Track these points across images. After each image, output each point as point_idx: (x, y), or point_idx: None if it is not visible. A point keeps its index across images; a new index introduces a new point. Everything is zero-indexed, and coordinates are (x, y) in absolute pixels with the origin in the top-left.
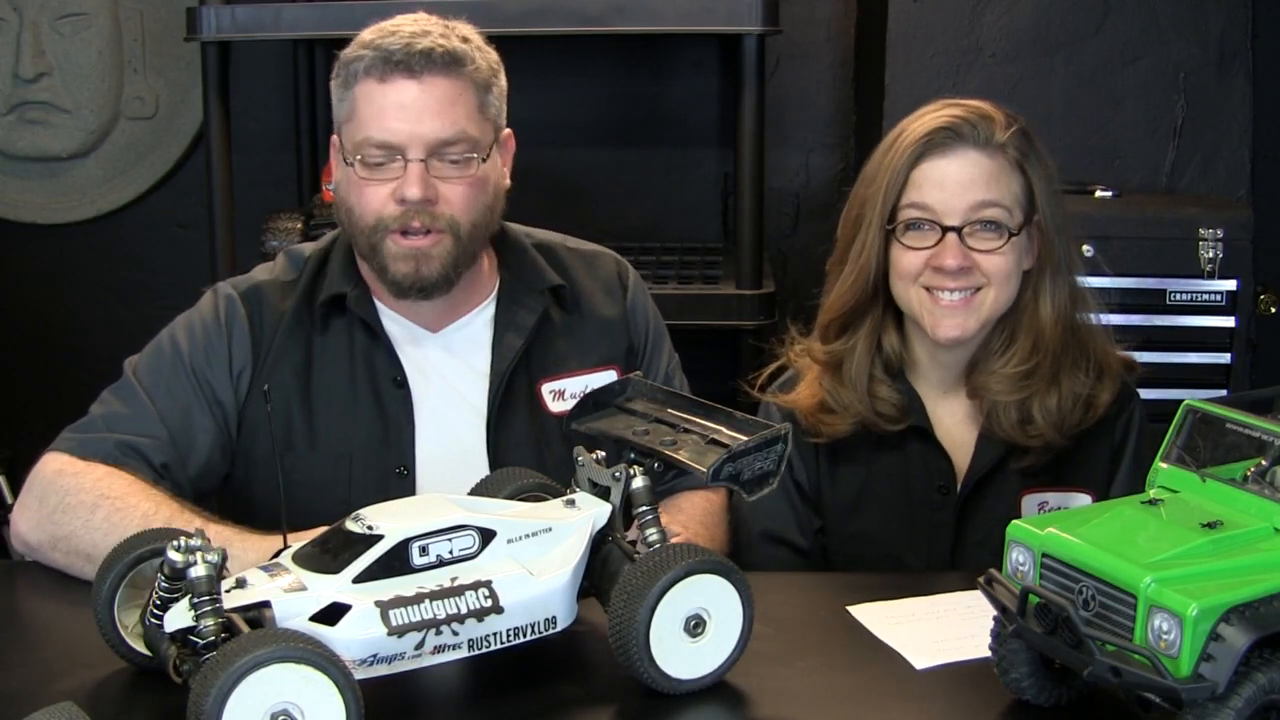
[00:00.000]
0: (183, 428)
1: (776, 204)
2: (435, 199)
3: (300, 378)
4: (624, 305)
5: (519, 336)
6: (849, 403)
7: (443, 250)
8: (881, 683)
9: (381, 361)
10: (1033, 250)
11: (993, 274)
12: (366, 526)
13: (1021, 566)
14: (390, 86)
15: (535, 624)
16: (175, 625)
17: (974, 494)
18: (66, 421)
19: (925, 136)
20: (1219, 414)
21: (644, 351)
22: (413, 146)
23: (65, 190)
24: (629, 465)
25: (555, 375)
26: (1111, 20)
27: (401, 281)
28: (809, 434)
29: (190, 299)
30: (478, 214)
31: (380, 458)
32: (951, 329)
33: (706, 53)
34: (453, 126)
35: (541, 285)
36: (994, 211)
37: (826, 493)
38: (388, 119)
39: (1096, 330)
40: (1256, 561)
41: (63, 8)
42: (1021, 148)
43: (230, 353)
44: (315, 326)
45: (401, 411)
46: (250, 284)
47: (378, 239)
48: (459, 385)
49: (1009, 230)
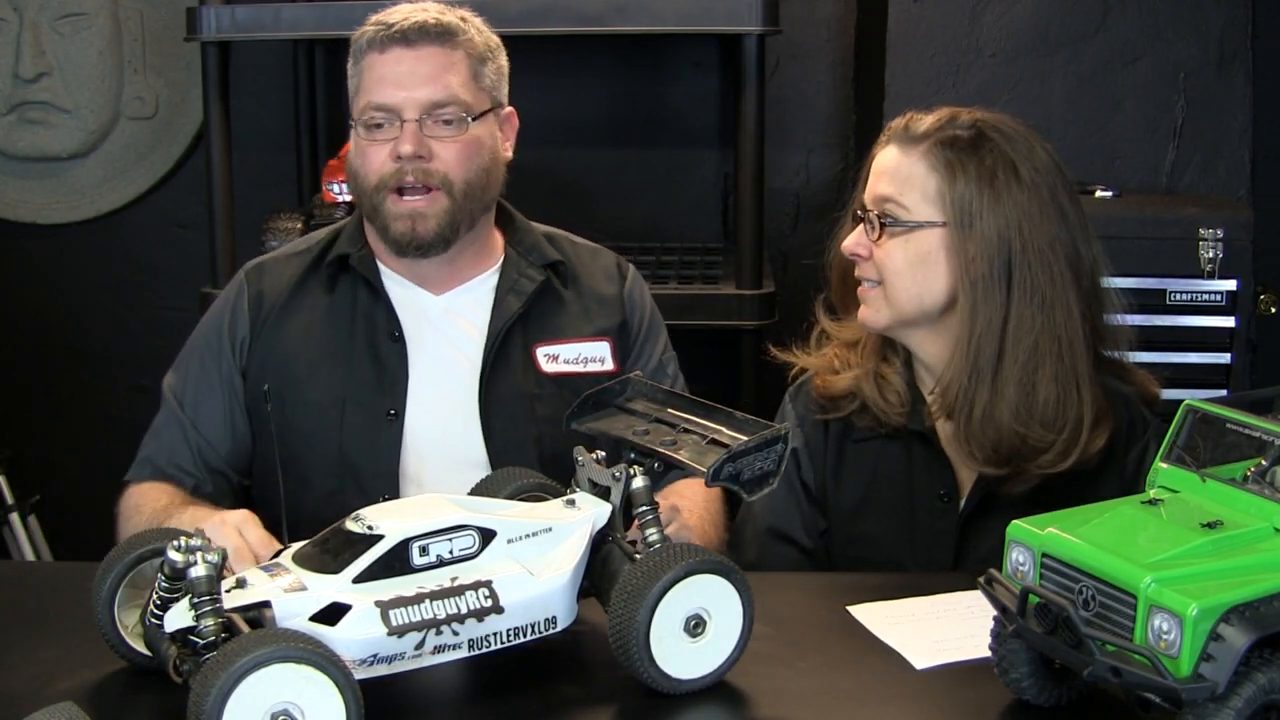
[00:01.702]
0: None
1: (776, 204)
2: (429, 156)
3: (305, 333)
4: (621, 288)
5: (518, 299)
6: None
7: (439, 209)
8: (881, 683)
9: (380, 317)
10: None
11: (879, 265)
12: (367, 526)
13: (1021, 566)
14: (389, 55)
15: (535, 624)
16: (175, 625)
17: (979, 510)
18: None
19: (884, 131)
20: (1219, 414)
21: (638, 335)
22: (407, 108)
23: (65, 190)
24: (629, 465)
25: (551, 340)
26: (1111, 20)
27: (400, 239)
28: (818, 403)
29: (190, 299)
30: (471, 173)
31: (372, 402)
32: (865, 316)
33: (706, 53)
34: (444, 90)
35: (543, 260)
36: (890, 206)
37: (832, 494)
38: (386, 84)
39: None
40: (1256, 561)
41: (63, 8)
42: (949, 151)
43: (233, 329)
44: (322, 286)
45: (397, 363)
46: (257, 261)
47: (379, 199)
48: (456, 340)
49: (903, 224)
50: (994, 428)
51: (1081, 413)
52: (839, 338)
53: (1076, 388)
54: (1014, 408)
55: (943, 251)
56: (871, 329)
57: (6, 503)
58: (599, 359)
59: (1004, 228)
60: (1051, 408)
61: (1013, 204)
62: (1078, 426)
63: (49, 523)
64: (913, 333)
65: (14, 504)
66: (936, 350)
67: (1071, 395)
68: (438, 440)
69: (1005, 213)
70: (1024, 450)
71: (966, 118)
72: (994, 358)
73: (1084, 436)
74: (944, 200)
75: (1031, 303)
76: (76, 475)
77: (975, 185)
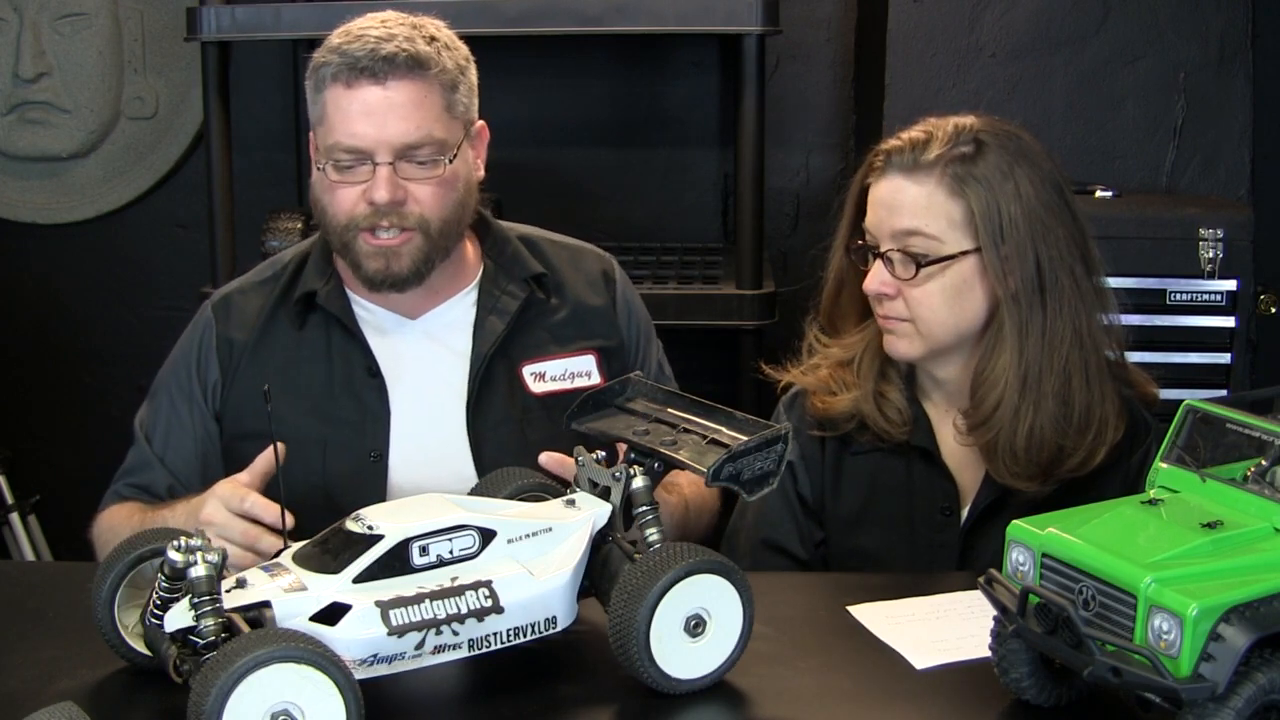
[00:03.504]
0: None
1: (776, 204)
2: (404, 200)
3: (280, 375)
4: (611, 299)
5: (501, 320)
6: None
7: (413, 248)
8: (881, 683)
9: (355, 353)
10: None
11: (913, 303)
12: (367, 526)
13: (1021, 566)
14: (356, 92)
15: (535, 624)
16: (175, 625)
17: (980, 521)
18: (67, 422)
19: (875, 156)
20: (1219, 414)
21: (636, 347)
22: (380, 150)
23: (65, 190)
24: (629, 465)
25: (536, 358)
26: (1111, 20)
27: (373, 278)
28: (815, 420)
29: (190, 299)
30: (448, 211)
31: (354, 445)
32: (894, 348)
33: (706, 53)
34: (418, 130)
35: (524, 274)
36: (917, 240)
37: (829, 506)
38: (354, 124)
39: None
40: (1256, 561)
41: (63, 8)
42: (962, 169)
43: (204, 371)
44: (293, 323)
45: (376, 400)
46: (222, 294)
47: (349, 237)
48: (438, 369)
49: (942, 259)
50: (1038, 442)
51: (1106, 413)
52: (832, 358)
53: (1101, 389)
54: (1055, 419)
55: (978, 277)
56: (902, 360)
57: (6, 503)
58: (585, 373)
59: (1029, 240)
60: (1084, 414)
61: (1029, 215)
62: (1103, 427)
63: (49, 523)
64: (942, 359)
65: (14, 504)
66: (958, 371)
67: (1098, 397)
68: (424, 479)
69: (1025, 225)
70: (1059, 458)
71: (966, 132)
72: (1039, 371)
73: (1109, 435)
74: (971, 224)
75: (1063, 312)
76: (76, 475)
77: (996, 200)
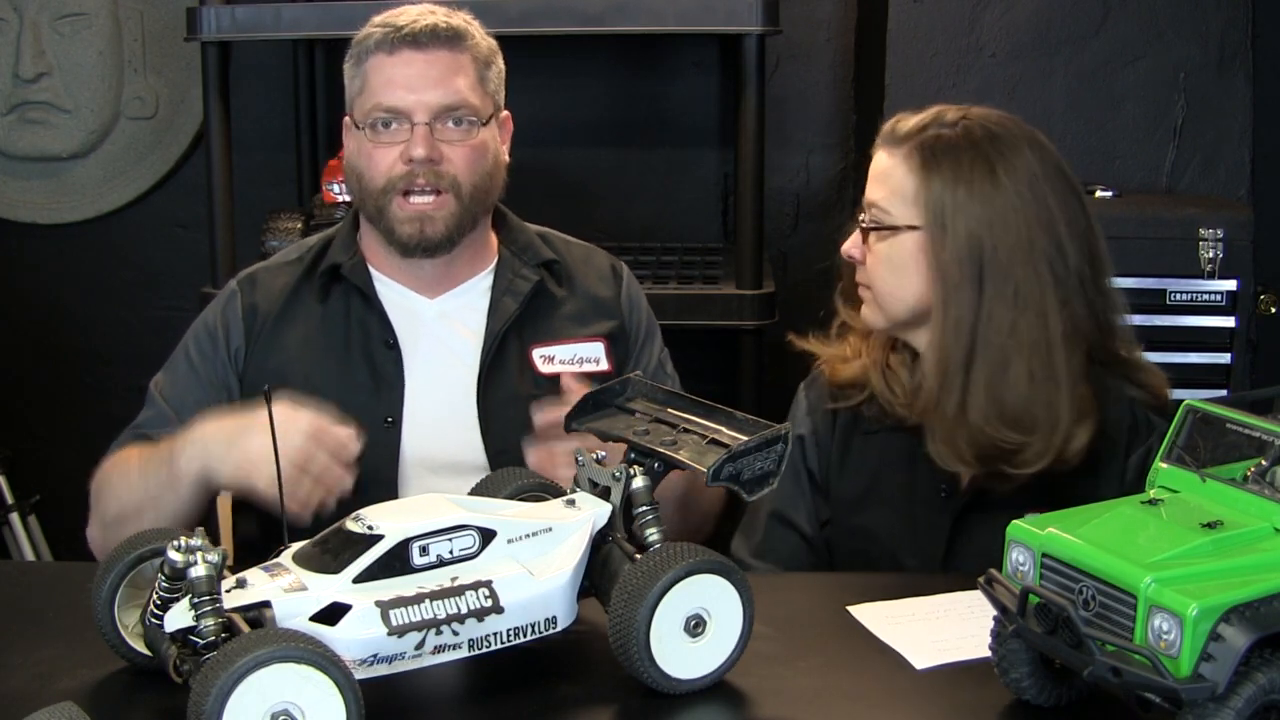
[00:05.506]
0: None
1: (776, 204)
2: (440, 159)
3: (300, 343)
4: (618, 292)
5: (514, 301)
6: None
7: (446, 212)
8: (881, 683)
9: (374, 325)
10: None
11: (869, 271)
12: (367, 526)
13: (1021, 566)
14: (398, 58)
15: (535, 624)
16: (175, 625)
17: (971, 506)
18: (67, 421)
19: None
20: (1219, 414)
21: (638, 339)
22: (418, 111)
23: (65, 190)
24: (629, 465)
25: (547, 342)
26: (1111, 20)
27: (407, 242)
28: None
29: (190, 299)
30: (479, 177)
31: (369, 410)
32: (865, 316)
33: (706, 53)
34: (455, 94)
35: (537, 260)
36: (875, 211)
37: (835, 484)
38: (396, 86)
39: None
40: (1256, 561)
41: (63, 8)
42: (927, 153)
43: (228, 337)
44: (316, 296)
45: (393, 370)
46: (248, 272)
47: (385, 201)
48: (452, 344)
49: (885, 228)
50: (965, 428)
51: (1059, 414)
52: (855, 327)
53: (1055, 389)
54: (983, 409)
55: (920, 254)
56: (871, 328)
57: (6, 503)
58: (594, 359)
59: (975, 228)
60: (1022, 409)
61: (985, 204)
62: (1053, 428)
63: (49, 523)
64: (912, 332)
65: (14, 504)
66: None
67: (1045, 397)
68: (436, 446)
69: (977, 213)
70: (997, 452)
71: (953, 116)
72: (964, 359)
73: (1059, 438)
74: (920, 202)
75: (1004, 304)
76: (76, 475)
77: (950, 186)
